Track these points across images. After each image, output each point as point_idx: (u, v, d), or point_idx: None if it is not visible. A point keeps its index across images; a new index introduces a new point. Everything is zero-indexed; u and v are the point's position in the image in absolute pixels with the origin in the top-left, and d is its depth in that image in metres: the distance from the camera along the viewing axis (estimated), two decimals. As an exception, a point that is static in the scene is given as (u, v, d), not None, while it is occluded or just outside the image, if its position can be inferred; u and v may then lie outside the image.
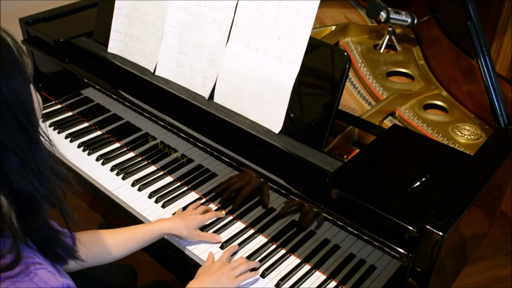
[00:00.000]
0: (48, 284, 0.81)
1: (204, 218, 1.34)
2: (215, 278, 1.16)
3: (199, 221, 1.32)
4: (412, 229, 0.98)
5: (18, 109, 0.77)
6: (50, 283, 0.81)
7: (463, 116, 1.47)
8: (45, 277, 0.81)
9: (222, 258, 1.23)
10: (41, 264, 0.83)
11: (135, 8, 1.55)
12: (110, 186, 1.48)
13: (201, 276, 1.19)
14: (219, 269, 1.19)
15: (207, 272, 1.19)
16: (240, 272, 1.20)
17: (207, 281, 1.16)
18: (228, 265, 1.20)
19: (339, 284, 1.21)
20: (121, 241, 1.22)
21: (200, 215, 1.33)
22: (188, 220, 1.30)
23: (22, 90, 0.78)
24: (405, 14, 1.59)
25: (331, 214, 1.13)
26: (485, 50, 1.33)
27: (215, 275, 1.17)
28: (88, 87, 1.69)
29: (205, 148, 1.36)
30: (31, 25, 1.78)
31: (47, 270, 0.83)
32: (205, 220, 1.34)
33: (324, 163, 1.18)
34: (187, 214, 1.34)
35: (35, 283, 0.79)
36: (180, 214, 1.35)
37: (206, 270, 1.20)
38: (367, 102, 1.51)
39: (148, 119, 1.49)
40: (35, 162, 0.80)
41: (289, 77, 1.25)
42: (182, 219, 1.30)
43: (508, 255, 2.22)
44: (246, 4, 1.31)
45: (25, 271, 0.79)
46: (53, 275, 0.83)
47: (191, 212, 1.35)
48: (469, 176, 1.16)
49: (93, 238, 1.18)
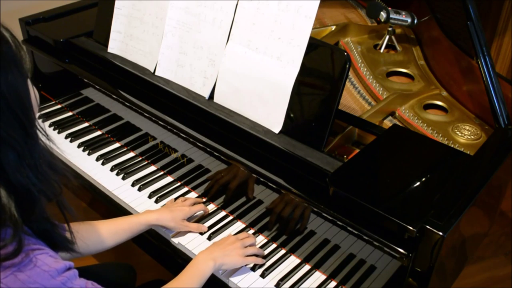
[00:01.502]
0: (52, 267, 0.84)
1: (191, 210, 1.35)
2: (225, 252, 1.19)
3: (186, 212, 1.33)
4: (412, 229, 0.98)
5: (16, 104, 0.78)
6: (53, 265, 0.84)
7: (463, 116, 1.47)
8: (47, 261, 0.84)
9: (238, 236, 1.26)
10: (42, 249, 0.85)
11: (135, 8, 1.55)
12: (110, 186, 1.48)
13: (212, 247, 1.22)
14: (231, 243, 1.22)
15: (220, 245, 1.22)
16: (250, 252, 1.23)
17: (217, 252, 1.19)
18: (240, 242, 1.23)
19: (339, 284, 1.21)
20: (110, 232, 1.24)
21: (187, 207, 1.34)
22: (174, 211, 1.31)
23: (20, 85, 0.79)
24: (405, 14, 1.59)
25: (331, 214, 1.13)
26: (485, 50, 1.33)
27: (226, 249, 1.20)
28: (88, 87, 1.69)
29: (205, 148, 1.36)
30: (31, 25, 1.78)
31: (48, 254, 0.86)
32: (192, 211, 1.35)
33: (324, 163, 1.18)
34: (174, 205, 1.35)
35: (39, 267, 0.82)
36: (168, 205, 1.37)
37: (219, 243, 1.23)
38: (367, 102, 1.51)
39: (148, 119, 1.49)
40: (32, 156, 0.82)
41: (289, 77, 1.25)
42: (169, 210, 1.32)
43: (508, 255, 2.22)
44: (246, 4, 1.31)
45: (27, 258, 0.82)
46: (55, 259, 0.86)
47: (179, 203, 1.36)
48: (469, 176, 1.16)
49: (85, 229, 1.20)
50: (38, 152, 0.83)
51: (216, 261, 1.17)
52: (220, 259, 1.18)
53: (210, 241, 1.31)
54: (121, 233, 1.25)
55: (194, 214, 1.37)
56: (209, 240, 1.31)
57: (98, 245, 1.23)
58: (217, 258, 1.17)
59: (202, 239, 1.32)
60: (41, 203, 0.86)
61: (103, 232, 1.23)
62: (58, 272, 0.85)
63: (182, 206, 1.35)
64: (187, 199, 1.39)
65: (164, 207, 1.37)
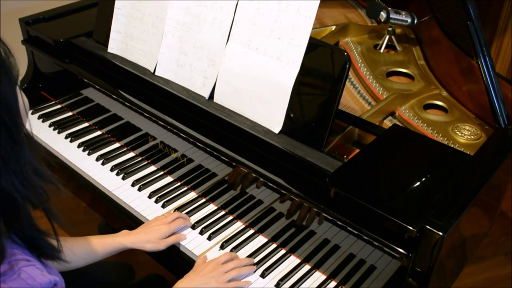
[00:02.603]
0: (36, 281, 0.82)
1: (170, 227, 1.29)
2: (204, 280, 1.15)
3: (165, 231, 1.28)
4: (412, 229, 0.98)
5: (3, 111, 0.77)
6: (38, 279, 0.82)
7: (463, 116, 1.47)
8: (33, 274, 0.82)
9: (218, 260, 1.20)
10: (29, 261, 0.84)
11: (135, 8, 1.55)
12: (110, 186, 1.48)
13: (191, 275, 1.17)
14: (211, 271, 1.16)
15: (199, 273, 1.17)
16: (231, 277, 1.18)
17: (197, 281, 1.14)
18: (220, 268, 1.17)
19: (339, 284, 1.21)
20: (83, 251, 1.22)
21: (165, 225, 1.29)
22: (149, 233, 1.27)
23: (8, 93, 0.78)
24: (405, 14, 1.59)
25: (331, 214, 1.13)
26: (485, 50, 1.33)
27: (205, 277, 1.15)
28: (88, 87, 1.69)
29: (205, 148, 1.36)
30: (31, 25, 1.78)
31: (35, 266, 0.84)
32: (171, 229, 1.29)
33: (324, 163, 1.18)
34: (152, 224, 1.30)
35: (23, 279, 0.81)
36: (145, 225, 1.32)
37: (199, 270, 1.18)
38: (367, 102, 1.51)
39: (148, 119, 1.49)
40: (18, 162, 0.81)
41: (289, 77, 1.25)
42: (144, 233, 1.28)
43: (508, 255, 2.22)
44: (246, 4, 1.31)
45: (13, 269, 0.80)
46: (41, 272, 0.84)
47: (157, 222, 1.31)
48: (469, 176, 1.16)
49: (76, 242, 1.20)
50: (24, 159, 0.82)
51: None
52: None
53: (210, 241, 1.31)
54: (93, 254, 1.23)
55: (175, 230, 1.31)
56: (209, 240, 1.31)
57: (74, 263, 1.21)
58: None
59: (202, 239, 1.32)
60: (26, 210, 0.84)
61: (77, 250, 1.20)
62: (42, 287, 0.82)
63: (161, 224, 1.29)
64: (169, 216, 1.32)
65: (141, 227, 1.31)
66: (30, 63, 1.88)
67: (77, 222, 2.24)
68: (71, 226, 0.97)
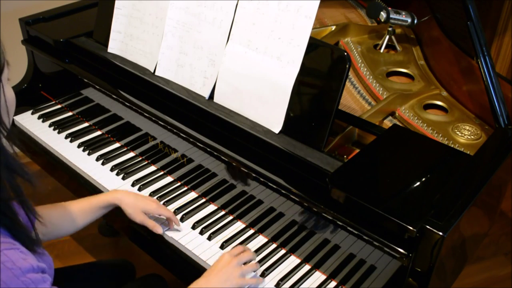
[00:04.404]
0: (15, 265, 0.81)
1: (158, 208, 1.29)
2: (222, 278, 1.10)
3: (152, 208, 1.29)
4: (412, 229, 0.98)
5: None
6: (18, 263, 0.81)
7: (463, 116, 1.47)
8: (13, 258, 0.82)
9: (233, 252, 1.17)
10: (12, 244, 0.83)
11: (135, 8, 1.55)
12: (110, 186, 1.48)
13: (208, 275, 1.12)
14: (227, 265, 1.12)
15: (214, 270, 1.13)
16: (249, 270, 1.17)
17: (214, 280, 1.10)
18: (235, 260, 1.14)
19: (339, 284, 1.21)
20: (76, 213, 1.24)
21: (155, 204, 1.30)
22: (139, 199, 1.29)
23: None
24: (405, 14, 1.59)
25: (331, 214, 1.13)
26: (485, 50, 1.33)
27: (222, 274, 1.11)
28: (88, 87, 1.69)
29: (205, 148, 1.36)
30: (31, 25, 1.78)
31: (19, 250, 0.83)
32: (158, 210, 1.30)
33: (324, 163, 1.18)
34: (145, 197, 1.33)
35: (2, 263, 0.80)
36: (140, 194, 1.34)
37: (213, 268, 1.14)
38: (367, 102, 1.51)
39: (148, 119, 1.49)
40: None
41: (289, 77, 1.25)
42: (134, 196, 1.29)
43: (508, 255, 2.22)
44: (246, 4, 1.31)
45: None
46: (23, 256, 0.83)
47: (153, 199, 1.33)
48: (469, 176, 1.16)
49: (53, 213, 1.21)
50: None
51: None
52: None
53: (210, 241, 1.31)
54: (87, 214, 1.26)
55: (159, 215, 1.32)
56: (209, 240, 1.31)
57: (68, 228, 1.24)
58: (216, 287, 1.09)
59: (202, 239, 1.32)
60: None
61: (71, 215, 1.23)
62: (23, 272, 0.81)
63: (153, 202, 1.31)
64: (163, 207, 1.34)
65: (137, 193, 1.34)
66: (30, 63, 1.88)
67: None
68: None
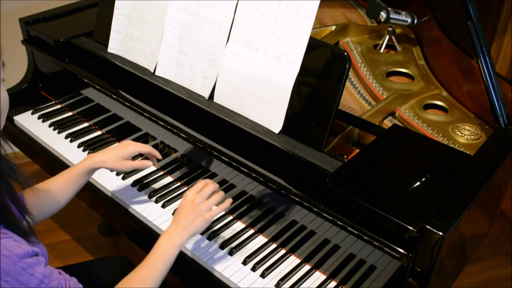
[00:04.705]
0: (12, 252, 0.85)
1: (135, 147, 1.34)
2: (188, 220, 1.13)
3: (130, 150, 1.33)
4: (412, 229, 0.98)
5: None
6: (14, 251, 0.86)
7: (463, 116, 1.47)
8: (9, 246, 0.86)
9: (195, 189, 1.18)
10: (6, 234, 0.87)
11: (135, 8, 1.55)
12: (110, 186, 1.48)
13: (175, 222, 1.15)
14: (190, 206, 1.15)
15: (180, 214, 1.15)
16: (214, 202, 1.18)
17: (181, 226, 1.13)
18: (198, 197, 1.16)
19: (339, 284, 1.21)
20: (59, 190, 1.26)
21: (131, 145, 1.34)
22: (114, 151, 1.32)
23: None
24: (405, 14, 1.59)
25: (331, 214, 1.13)
26: (485, 50, 1.33)
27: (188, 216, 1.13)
28: (88, 87, 1.69)
29: (205, 148, 1.36)
30: (31, 25, 1.78)
31: (12, 239, 0.87)
32: (136, 149, 1.34)
33: (324, 163, 1.18)
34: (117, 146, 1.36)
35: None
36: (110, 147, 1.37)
37: (179, 211, 1.16)
38: (367, 102, 1.51)
39: (148, 119, 1.49)
40: None
41: (289, 77, 1.25)
42: (108, 151, 1.32)
43: (508, 255, 2.22)
44: (246, 4, 1.31)
45: None
46: (18, 244, 0.87)
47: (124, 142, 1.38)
48: (469, 176, 1.16)
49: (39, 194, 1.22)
50: None
51: (182, 237, 1.12)
52: (186, 233, 1.13)
53: (210, 241, 1.31)
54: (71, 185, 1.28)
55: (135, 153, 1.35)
56: (209, 240, 1.31)
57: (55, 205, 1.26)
58: (182, 234, 1.12)
59: (202, 239, 1.31)
60: None
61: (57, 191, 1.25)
62: (19, 258, 0.86)
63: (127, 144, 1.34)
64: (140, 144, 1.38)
65: (109, 148, 1.37)
66: (30, 63, 1.88)
67: (77, 222, 2.24)
68: (71, 226, 0.98)
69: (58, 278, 0.94)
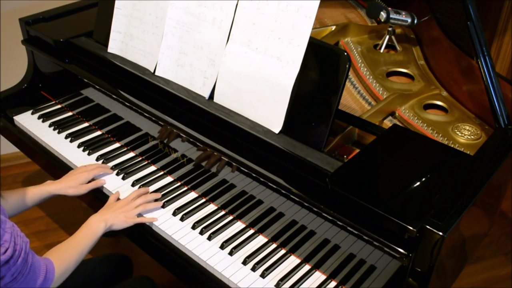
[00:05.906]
0: None
1: (89, 174, 1.46)
2: (114, 214, 1.32)
3: (84, 177, 1.45)
4: (412, 229, 0.98)
5: None
6: None
7: (463, 116, 1.47)
8: None
9: (128, 197, 1.37)
10: None
11: (135, 8, 1.55)
12: (110, 186, 1.48)
13: (104, 210, 1.34)
14: (121, 207, 1.34)
15: (110, 208, 1.34)
16: (139, 211, 1.35)
17: (108, 215, 1.31)
18: (130, 204, 1.35)
19: (339, 284, 1.21)
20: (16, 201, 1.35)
21: (85, 172, 1.46)
22: (70, 180, 1.43)
23: None
24: (405, 14, 1.59)
25: (331, 214, 1.13)
26: (485, 50, 1.33)
27: (115, 212, 1.32)
28: (88, 87, 1.69)
29: (205, 148, 1.36)
30: (31, 25, 1.78)
31: None
32: (90, 175, 1.46)
33: (324, 163, 1.18)
34: (73, 173, 1.46)
35: None
36: (68, 175, 1.46)
37: (109, 206, 1.35)
38: (367, 102, 1.51)
39: (148, 119, 1.49)
40: None
41: (289, 77, 1.25)
42: (66, 181, 1.43)
43: (508, 255, 2.22)
44: (246, 4, 1.31)
45: None
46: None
47: (78, 170, 1.48)
48: (469, 176, 1.16)
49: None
50: None
51: (106, 222, 1.29)
52: (110, 221, 1.30)
53: (210, 241, 1.31)
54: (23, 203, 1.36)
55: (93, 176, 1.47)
56: (209, 240, 1.31)
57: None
58: (107, 220, 1.30)
59: (202, 239, 1.31)
60: None
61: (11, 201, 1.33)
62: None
63: (82, 172, 1.46)
64: (90, 165, 1.50)
65: (65, 176, 1.46)
66: (30, 63, 1.88)
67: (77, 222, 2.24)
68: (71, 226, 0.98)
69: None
